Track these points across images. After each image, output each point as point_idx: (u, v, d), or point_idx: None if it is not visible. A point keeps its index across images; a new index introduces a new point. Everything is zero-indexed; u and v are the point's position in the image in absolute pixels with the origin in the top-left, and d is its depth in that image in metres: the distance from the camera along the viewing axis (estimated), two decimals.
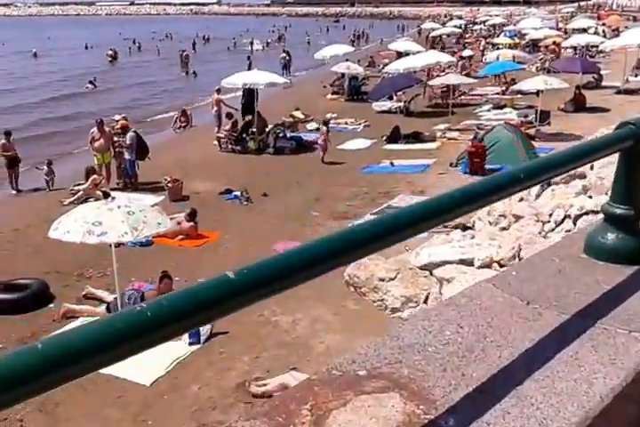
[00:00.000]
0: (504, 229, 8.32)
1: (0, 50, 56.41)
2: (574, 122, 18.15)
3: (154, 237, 9.94)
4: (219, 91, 19.10)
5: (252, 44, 54.86)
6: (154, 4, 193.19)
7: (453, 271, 6.92)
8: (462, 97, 23.57)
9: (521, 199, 9.57)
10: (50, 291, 8.71)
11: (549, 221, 7.59)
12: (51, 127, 22.91)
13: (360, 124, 20.41)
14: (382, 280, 7.43)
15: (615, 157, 1.98)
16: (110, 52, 46.87)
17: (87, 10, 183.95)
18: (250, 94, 18.43)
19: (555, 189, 9.05)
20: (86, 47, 56.37)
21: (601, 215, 2.08)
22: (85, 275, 9.41)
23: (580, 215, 7.15)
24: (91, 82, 32.88)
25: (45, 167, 14.34)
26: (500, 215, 9.16)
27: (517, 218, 8.01)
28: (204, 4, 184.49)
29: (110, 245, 7.65)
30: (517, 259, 6.95)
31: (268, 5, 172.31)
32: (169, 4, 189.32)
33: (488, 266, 6.89)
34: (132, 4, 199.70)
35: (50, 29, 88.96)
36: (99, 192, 13.00)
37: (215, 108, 18.98)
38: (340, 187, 13.52)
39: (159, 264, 9.63)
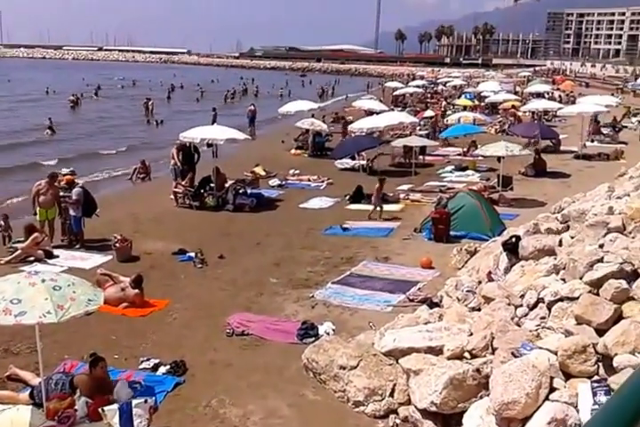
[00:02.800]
0: (474, 309, 7.77)
1: None
2: (536, 187, 18.18)
3: None
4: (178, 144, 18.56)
5: (226, 95, 55.29)
6: (122, 50, 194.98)
7: (421, 362, 6.29)
8: (425, 157, 23.54)
9: (489, 273, 9.13)
10: None
11: (522, 305, 7.08)
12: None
13: (323, 181, 20.04)
14: (343, 368, 6.74)
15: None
16: (72, 98, 46.24)
17: (54, 53, 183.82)
18: (188, 150, 18.09)
19: (524, 264, 8.63)
20: (47, 92, 55.64)
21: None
22: (12, 350, 8.37)
23: (555, 301, 6.66)
24: (50, 127, 32.17)
25: (1, 222, 13.28)
26: (469, 291, 8.67)
27: (487, 300, 7.47)
28: (173, 53, 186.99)
29: None
30: (490, 349, 6.39)
31: (236, 57, 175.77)
32: (138, 51, 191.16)
33: (459, 357, 6.29)
34: (100, 49, 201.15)
35: (12, 72, 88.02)
36: (40, 251, 12.13)
37: (172, 162, 18.39)
38: (302, 250, 12.89)
39: (98, 337, 8.83)
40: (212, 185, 16.81)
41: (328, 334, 8.41)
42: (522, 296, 7.26)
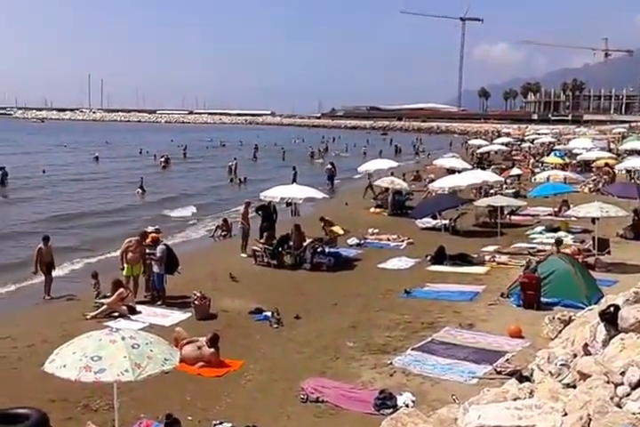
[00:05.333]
0: (569, 385, 7.12)
1: (65, 153, 61.29)
2: (637, 250, 16.96)
3: None
4: (248, 204, 18.87)
5: (312, 154, 57.21)
6: (211, 113, 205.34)
7: None
8: (512, 217, 22.74)
9: (585, 345, 8.44)
10: (50, 425, 7.70)
11: (622, 384, 6.41)
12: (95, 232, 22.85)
13: (403, 240, 19.68)
14: None
15: None
16: (162, 159, 48.71)
17: (148, 117, 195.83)
18: (267, 214, 18.33)
19: (624, 337, 7.91)
20: (140, 152, 58.96)
21: None
22: (91, 406, 8.45)
23: None
24: (141, 187, 33.61)
25: (92, 280, 13.70)
26: (563, 365, 8.01)
27: (583, 376, 6.83)
28: (258, 115, 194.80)
29: None
30: None
31: (318, 117, 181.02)
32: (225, 114, 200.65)
33: None
34: (190, 113, 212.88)
35: (110, 135, 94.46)
36: (124, 307, 12.41)
37: (241, 221, 18.67)
38: (380, 313, 12.50)
39: (174, 397, 8.79)
40: (290, 243, 16.85)
41: (407, 405, 7.93)
42: (622, 373, 6.59)
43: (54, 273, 14.81)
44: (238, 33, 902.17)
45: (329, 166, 34.76)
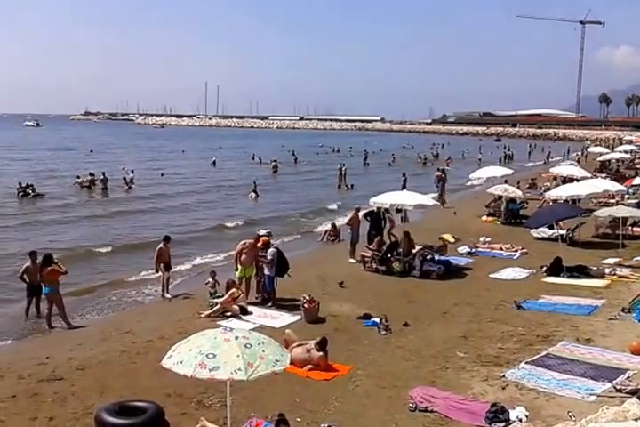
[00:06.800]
0: None
1: (184, 157, 64.81)
2: None
3: None
4: (358, 209, 18.89)
5: (425, 160, 57.60)
6: (321, 119, 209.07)
7: None
8: (634, 228, 21.39)
9: None
10: (165, 419, 8.09)
11: None
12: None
13: (517, 250, 19.03)
14: None
15: None
16: (274, 164, 50.11)
17: (260, 123, 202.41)
18: (376, 220, 18.31)
19: None
20: (253, 158, 61.00)
21: None
22: (205, 402, 8.76)
23: None
24: (254, 191, 34.74)
25: (210, 279, 14.28)
26: None
27: None
28: (368, 121, 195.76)
29: None
30: None
31: (429, 123, 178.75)
32: (335, 120, 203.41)
33: None
34: (301, 119, 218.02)
35: (223, 140, 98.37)
36: (235, 306, 12.84)
37: (350, 226, 18.70)
38: (492, 323, 12.15)
39: (283, 398, 8.93)
40: (399, 250, 16.75)
41: (520, 420, 7.68)
42: None
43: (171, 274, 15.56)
44: (349, 39, 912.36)
45: (438, 173, 34.23)
